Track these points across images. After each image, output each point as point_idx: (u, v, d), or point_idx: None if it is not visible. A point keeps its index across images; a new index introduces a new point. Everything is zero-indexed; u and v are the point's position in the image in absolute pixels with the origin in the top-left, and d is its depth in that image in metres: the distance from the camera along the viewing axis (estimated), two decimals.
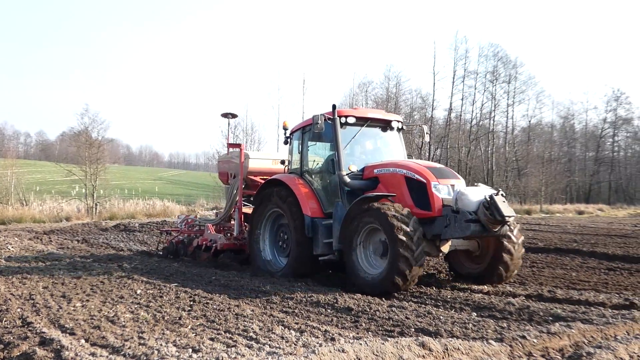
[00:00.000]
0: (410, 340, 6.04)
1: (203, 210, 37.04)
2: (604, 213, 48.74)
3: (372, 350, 5.55)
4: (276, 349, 5.87)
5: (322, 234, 11.19)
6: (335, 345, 5.75)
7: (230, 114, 16.70)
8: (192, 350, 5.84)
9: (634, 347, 6.29)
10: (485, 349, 6.07)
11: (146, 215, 32.67)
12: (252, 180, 14.60)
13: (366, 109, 12.64)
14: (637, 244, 18.28)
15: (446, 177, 10.65)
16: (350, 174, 11.25)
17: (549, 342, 6.50)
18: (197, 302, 8.74)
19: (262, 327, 7.04)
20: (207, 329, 7.00)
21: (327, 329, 6.96)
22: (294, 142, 12.95)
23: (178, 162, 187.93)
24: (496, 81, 65.68)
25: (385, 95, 62.26)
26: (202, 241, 14.73)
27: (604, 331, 6.98)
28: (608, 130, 77.80)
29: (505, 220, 9.77)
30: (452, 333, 6.90)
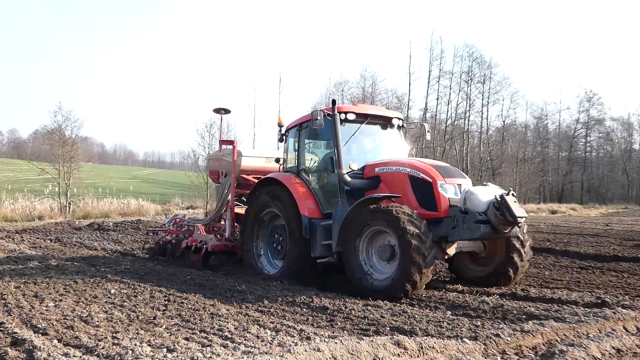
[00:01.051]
0: (386, 339, 6.06)
1: (178, 209, 36.85)
2: (576, 212, 49.31)
3: (348, 349, 5.56)
4: (252, 348, 5.86)
5: (320, 236, 10.79)
6: (310, 344, 5.75)
7: (222, 109, 16.12)
8: (167, 350, 5.80)
9: (606, 345, 6.38)
10: (460, 347, 6.11)
11: (120, 214, 32.39)
12: (244, 179, 14.08)
13: (366, 105, 12.20)
14: (609, 243, 18.52)
15: (453, 176, 10.28)
16: (350, 172, 10.83)
17: (522, 340, 6.56)
18: (171, 301, 8.69)
19: (237, 326, 7.02)
20: (182, 328, 6.96)
21: (302, 328, 6.96)
22: (289, 140, 12.49)
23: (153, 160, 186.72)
24: (471, 81, 66.20)
25: (361, 95, 62.36)
26: (192, 242, 14.02)
27: (577, 329, 7.06)
28: (581, 131, 78.81)
29: (517, 221, 9.39)
30: (427, 332, 6.93)
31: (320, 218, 11.01)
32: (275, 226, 12.13)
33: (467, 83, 65.95)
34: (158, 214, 33.10)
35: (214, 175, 15.21)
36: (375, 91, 63.57)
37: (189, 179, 44.42)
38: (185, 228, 15.37)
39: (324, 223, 10.85)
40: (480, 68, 66.79)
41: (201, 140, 44.96)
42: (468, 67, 66.04)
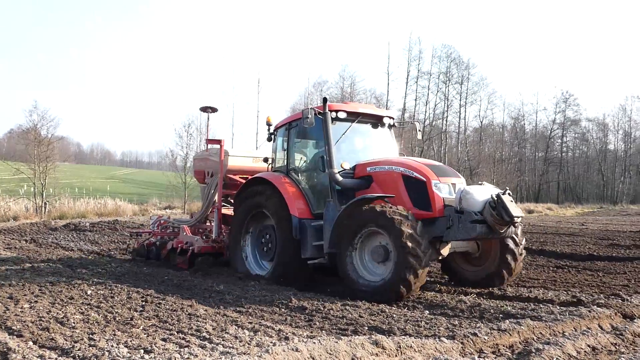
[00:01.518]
0: (364, 338, 6.08)
1: (156, 209, 36.64)
2: (552, 212, 49.74)
3: (326, 349, 5.56)
4: (230, 348, 5.84)
5: (311, 236, 10.56)
6: (289, 344, 5.75)
7: (209, 107, 15.64)
8: (144, 351, 5.76)
9: (581, 343, 6.46)
10: (438, 346, 6.15)
11: (97, 215, 32.12)
12: (231, 179, 13.70)
13: (357, 104, 11.98)
14: (584, 243, 18.71)
15: (447, 176, 10.15)
16: (342, 171, 10.59)
17: (499, 338, 6.62)
18: (149, 302, 8.63)
19: (215, 326, 6.99)
20: (159, 329, 6.91)
21: (281, 328, 6.96)
22: (278, 139, 12.26)
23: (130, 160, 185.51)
24: (449, 82, 66.66)
25: (340, 95, 62.46)
26: (177, 244, 13.75)
27: (553, 327, 7.14)
28: (557, 131, 79.53)
29: (514, 221, 9.29)
30: (405, 331, 6.96)
31: (311, 218, 10.81)
32: (264, 227, 11.90)
33: (445, 84, 66.41)
34: (135, 214, 32.90)
35: (200, 175, 14.87)
36: (354, 91, 63.76)
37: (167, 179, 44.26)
38: (170, 230, 15.10)
39: (315, 223, 10.66)
40: (458, 69, 67.38)
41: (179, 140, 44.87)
42: (446, 67, 66.57)
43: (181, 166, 44.19)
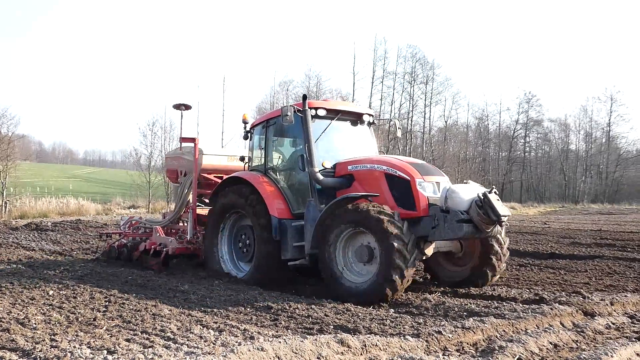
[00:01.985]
0: (329, 337, 6.09)
1: (120, 208, 36.25)
2: (515, 211, 50.34)
3: (291, 348, 5.56)
4: (194, 348, 5.80)
5: (291, 237, 10.27)
6: (254, 343, 5.73)
7: (182, 104, 15.14)
8: (107, 352, 5.69)
9: (544, 340, 6.55)
10: (403, 345, 6.18)
11: (59, 214, 31.68)
12: (205, 178, 13.40)
13: (336, 101, 11.82)
14: (546, 241, 18.99)
15: (431, 174, 9.93)
16: (322, 170, 10.36)
17: (463, 336, 6.68)
18: (112, 302, 8.53)
19: (180, 326, 6.94)
20: (123, 329, 6.84)
21: (246, 327, 6.93)
22: (254, 137, 12.01)
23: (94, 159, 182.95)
24: (414, 82, 67.09)
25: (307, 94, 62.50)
26: (151, 245, 13.26)
27: (516, 325, 7.24)
28: (520, 131, 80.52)
29: (501, 220, 9.16)
30: (370, 329, 6.99)
31: (291, 219, 10.56)
32: (241, 227, 11.65)
33: (410, 84, 66.85)
34: (99, 214, 32.53)
35: (173, 174, 14.57)
36: (320, 90, 63.75)
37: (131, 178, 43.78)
38: (142, 230, 14.65)
39: (295, 224, 10.38)
40: (423, 69, 67.83)
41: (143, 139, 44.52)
42: (411, 68, 66.99)
43: (145, 165, 43.85)
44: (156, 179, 42.35)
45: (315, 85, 64.20)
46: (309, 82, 64.59)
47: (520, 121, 79.33)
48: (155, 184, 42.21)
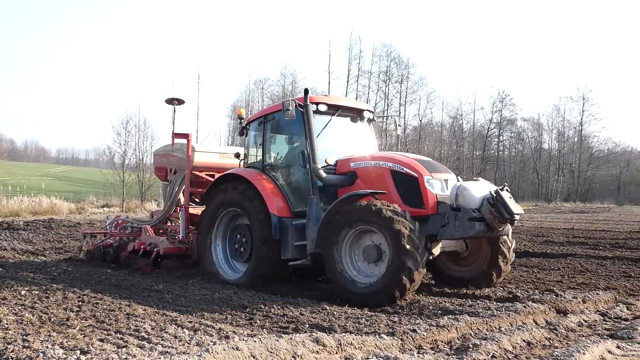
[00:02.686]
0: (305, 336, 6.08)
1: (93, 207, 35.92)
2: None
3: (267, 347, 5.54)
4: (169, 348, 5.76)
5: (292, 236, 9.94)
6: (229, 343, 5.70)
7: (175, 99, 14.68)
8: (80, 352, 5.62)
9: (517, 338, 6.62)
10: (378, 343, 6.20)
11: (32, 213, 31.29)
12: (197, 176, 12.98)
13: (337, 97, 11.44)
14: (520, 239, 19.14)
15: (438, 171, 9.68)
16: (325, 167, 10.08)
17: (438, 334, 6.72)
18: (85, 302, 8.44)
19: (154, 326, 6.89)
20: (96, 329, 6.77)
21: (221, 327, 6.90)
22: (250, 133, 11.70)
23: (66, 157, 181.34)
24: (389, 81, 67.39)
25: (282, 93, 62.49)
26: (140, 245, 12.87)
27: (489, 323, 7.29)
28: (494, 131, 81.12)
29: (514, 218, 8.96)
30: (346, 328, 7.00)
31: (291, 217, 10.26)
32: (237, 226, 11.27)
33: (386, 83, 67.16)
34: (72, 213, 32.19)
35: (161, 172, 14.17)
36: (296, 89, 63.85)
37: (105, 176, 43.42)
38: (129, 230, 14.23)
39: (296, 222, 10.07)
40: (398, 68, 68.21)
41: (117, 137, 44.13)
42: (386, 67, 67.33)
43: (119, 164, 43.48)
44: (130, 178, 42.03)
45: (291, 84, 64.32)
46: (285, 81, 64.73)
47: (494, 120, 79.97)
48: (130, 182, 41.88)
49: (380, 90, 66.76)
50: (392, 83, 68.01)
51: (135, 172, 43.10)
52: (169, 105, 14.94)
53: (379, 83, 66.77)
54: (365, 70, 65.65)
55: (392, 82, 67.78)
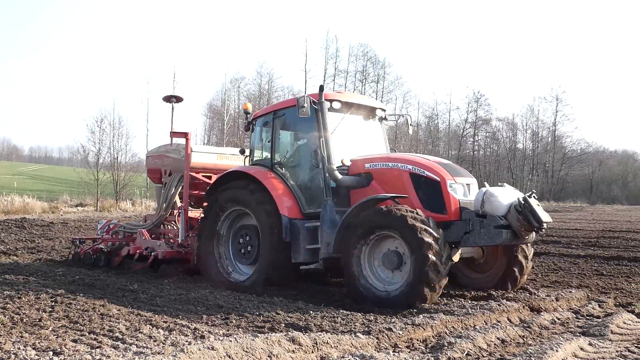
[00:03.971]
0: (281, 335, 6.07)
1: (67, 207, 35.53)
2: None
3: (242, 347, 5.53)
4: (143, 348, 5.72)
5: (303, 239, 9.54)
6: (204, 343, 5.67)
7: (174, 97, 14.20)
8: (53, 353, 5.56)
9: (491, 336, 6.68)
10: (353, 342, 6.21)
11: (3, 213, 30.82)
12: (193, 177, 12.50)
13: (350, 94, 11.09)
14: None
15: (461, 175, 9.39)
16: (340, 167, 9.72)
17: (413, 333, 6.75)
18: (59, 302, 8.34)
19: (128, 326, 6.83)
20: (69, 330, 6.70)
21: (196, 326, 6.87)
22: (256, 129, 11.25)
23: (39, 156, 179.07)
24: (365, 80, 67.57)
25: (258, 92, 62.35)
26: (136, 249, 12.40)
27: (464, 321, 7.35)
28: (469, 130, 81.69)
29: (542, 226, 8.63)
30: (322, 327, 7.00)
31: (302, 219, 9.84)
32: (242, 227, 10.81)
33: (362, 82, 67.33)
34: (45, 212, 31.77)
35: (155, 174, 13.67)
36: (272, 88, 63.77)
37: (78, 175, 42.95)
38: (121, 235, 13.75)
39: (308, 224, 9.66)
40: (374, 68, 68.41)
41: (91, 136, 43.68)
42: (363, 66, 67.52)
43: (93, 162, 43.05)
44: (104, 177, 41.63)
45: (267, 82, 64.18)
46: (261, 80, 64.54)
47: (470, 120, 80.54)
48: (104, 181, 41.49)
49: (356, 89, 66.77)
50: (369, 82, 68.24)
51: (110, 171, 42.70)
52: (166, 103, 14.44)
53: (355, 82, 66.93)
54: (341, 70, 65.87)
55: (368, 81, 68.03)
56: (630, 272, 12.61)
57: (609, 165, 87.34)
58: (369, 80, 67.85)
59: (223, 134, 55.44)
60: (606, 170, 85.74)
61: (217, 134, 57.23)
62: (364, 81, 67.28)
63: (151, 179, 14.44)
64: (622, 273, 12.53)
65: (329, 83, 63.73)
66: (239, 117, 61.49)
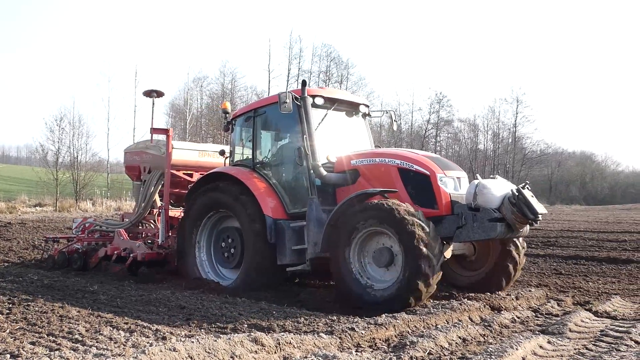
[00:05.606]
0: (243, 336, 6.04)
1: (25, 207, 34.91)
2: None
3: (205, 348, 5.49)
4: (104, 350, 5.64)
5: (289, 240, 9.29)
6: (166, 344, 5.61)
7: (154, 91, 13.60)
8: (11, 356, 5.46)
9: (453, 335, 6.74)
10: (316, 342, 6.21)
11: None
12: (174, 175, 12.13)
13: (333, 89, 10.91)
14: None
15: (451, 169, 9.16)
16: (325, 164, 9.50)
17: (376, 333, 6.78)
18: (16, 304, 8.18)
19: (88, 328, 6.74)
20: (27, 332, 6.58)
21: (158, 328, 6.79)
22: (236, 129, 10.99)
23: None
24: (329, 81, 67.54)
25: (221, 91, 61.98)
26: (113, 250, 11.90)
27: (426, 321, 7.40)
28: (431, 131, 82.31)
29: (537, 218, 8.46)
30: (285, 327, 6.99)
31: (287, 219, 9.62)
32: (224, 229, 10.58)
33: (326, 82, 67.22)
34: (2, 212, 31.18)
35: (134, 171, 13.22)
36: (235, 88, 63.44)
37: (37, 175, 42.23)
38: (97, 234, 13.32)
39: (293, 225, 9.44)
40: (337, 68, 68.53)
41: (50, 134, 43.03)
42: (326, 66, 67.60)
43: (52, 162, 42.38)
44: (64, 176, 41.00)
45: (230, 82, 63.82)
46: (224, 79, 64.13)
47: (432, 121, 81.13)
48: (64, 181, 40.86)
49: None
50: (332, 83, 68.18)
51: (70, 170, 42.09)
52: (147, 98, 13.84)
53: (319, 83, 66.77)
54: (305, 70, 65.75)
55: (332, 82, 67.98)
56: (588, 271, 12.87)
57: (568, 166, 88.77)
58: (332, 81, 67.92)
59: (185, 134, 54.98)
60: (565, 171, 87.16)
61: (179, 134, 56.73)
62: (328, 82, 67.29)
63: (129, 177, 14.00)
64: (580, 272, 12.77)
65: (292, 83, 63.64)
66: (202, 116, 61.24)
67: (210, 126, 57.48)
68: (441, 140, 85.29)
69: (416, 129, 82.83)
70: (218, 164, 11.94)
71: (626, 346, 6.50)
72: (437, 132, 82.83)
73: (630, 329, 7.27)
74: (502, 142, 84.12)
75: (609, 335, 6.99)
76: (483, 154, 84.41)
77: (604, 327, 7.54)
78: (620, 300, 9.57)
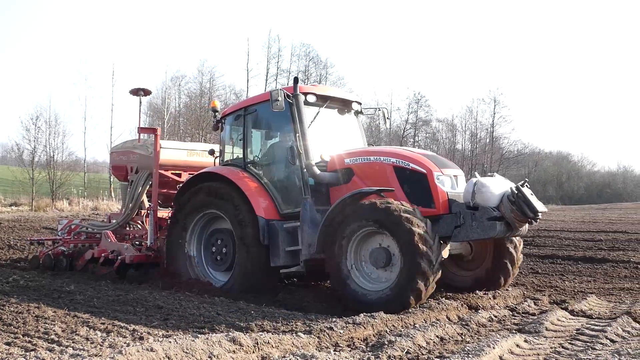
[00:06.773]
0: (221, 336, 6.03)
1: (0, 206, 34.51)
2: None
3: (182, 348, 5.46)
4: (80, 351, 5.59)
5: (282, 241, 9.09)
6: (143, 344, 5.58)
7: (141, 89, 13.40)
8: None
9: (431, 334, 6.77)
10: (295, 342, 6.21)
11: None
12: (162, 175, 11.81)
13: (325, 87, 10.79)
14: None
15: (447, 167, 9.05)
16: (319, 163, 9.36)
17: (354, 332, 6.79)
18: None
19: (64, 328, 6.68)
20: (2, 333, 6.50)
21: (135, 328, 6.74)
22: (226, 128, 10.76)
23: None
24: (308, 80, 67.47)
25: (199, 90, 61.65)
26: (101, 253, 11.50)
27: (404, 320, 7.43)
28: (410, 131, 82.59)
29: (537, 216, 8.33)
30: (263, 327, 6.98)
31: (280, 220, 9.41)
32: (215, 231, 10.33)
33: (304, 82, 67.14)
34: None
35: (120, 171, 12.89)
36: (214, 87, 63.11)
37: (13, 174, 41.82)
38: (84, 236, 12.92)
39: (287, 225, 9.23)
40: (316, 68, 68.57)
41: (26, 133, 42.58)
42: (305, 66, 67.57)
43: (28, 161, 41.96)
44: (40, 175, 40.61)
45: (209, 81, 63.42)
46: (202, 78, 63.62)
47: (410, 121, 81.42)
48: (40, 180, 40.47)
49: None
50: (311, 82, 68.30)
51: (46, 169, 41.68)
52: (134, 96, 13.57)
53: None
54: (284, 69, 65.67)
55: (311, 81, 67.96)
56: (564, 271, 12.99)
57: (545, 166, 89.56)
58: (311, 80, 67.88)
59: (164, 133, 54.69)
60: (541, 171, 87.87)
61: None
62: (307, 81, 67.29)
63: (116, 177, 13.58)
64: (556, 271, 12.88)
65: (271, 82, 63.57)
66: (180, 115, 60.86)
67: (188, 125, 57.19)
68: (419, 140, 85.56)
69: (394, 129, 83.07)
70: (207, 163, 11.69)
71: (601, 345, 6.58)
72: (415, 132, 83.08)
73: (605, 327, 7.36)
74: (479, 142, 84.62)
75: (584, 334, 7.06)
76: (461, 154, 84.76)
77: (579, 325, 7.63)
78: (595, 299, 9.67)
